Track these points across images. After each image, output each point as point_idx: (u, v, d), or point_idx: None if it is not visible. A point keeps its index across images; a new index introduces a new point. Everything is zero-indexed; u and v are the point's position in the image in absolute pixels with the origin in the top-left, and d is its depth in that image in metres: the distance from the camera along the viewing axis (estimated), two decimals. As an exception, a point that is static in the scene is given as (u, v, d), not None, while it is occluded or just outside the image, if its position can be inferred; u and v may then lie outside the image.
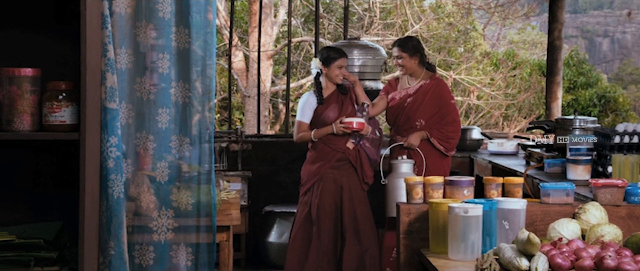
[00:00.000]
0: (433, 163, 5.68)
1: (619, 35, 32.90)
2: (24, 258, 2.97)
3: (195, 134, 3.28)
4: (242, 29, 14.25)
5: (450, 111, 5.81)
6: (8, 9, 3.17)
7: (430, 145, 5.74)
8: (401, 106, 5.83)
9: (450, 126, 5.77)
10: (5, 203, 3.21)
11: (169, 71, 3.26)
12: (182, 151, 3.27)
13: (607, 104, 16.25)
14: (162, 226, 3.26)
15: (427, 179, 3.71)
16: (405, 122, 5.80)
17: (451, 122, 5.78)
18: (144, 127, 3.25)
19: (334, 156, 5.73)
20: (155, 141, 3.25)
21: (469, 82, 15.29)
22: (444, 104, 5.79)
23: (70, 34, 3.06)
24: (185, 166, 3.29)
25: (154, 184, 3.25)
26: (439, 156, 5.76)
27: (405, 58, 5.79)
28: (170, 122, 3.27)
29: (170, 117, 3.27)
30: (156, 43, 3.25)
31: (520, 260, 3.03)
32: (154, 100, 3.25)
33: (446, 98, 5.83)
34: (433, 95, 5.78)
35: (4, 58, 3.10)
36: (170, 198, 3.27)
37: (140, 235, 3.27)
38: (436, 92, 5.79)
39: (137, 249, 3.28)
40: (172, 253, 3.29)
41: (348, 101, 5.80)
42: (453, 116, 5.82)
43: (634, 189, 3.70)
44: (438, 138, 5.73)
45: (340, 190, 5.72)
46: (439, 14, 15.70)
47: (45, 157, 3.23)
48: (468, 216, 3.27)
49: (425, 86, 5.80)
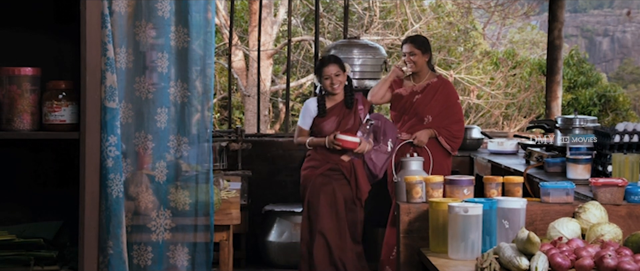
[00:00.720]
0: (437, 161, 5.70)
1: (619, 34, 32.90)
2: (23, 257, 2.97)
3: (195, 133, 3.28)
4: (242, 28, 14.24)
5: (456, 111, 5.87)
6: (8, 8, 3.17)
7: (436, 144, 5.76)
8: (409, 101, 5.84)
9: (456, 125, 5.82)
10: (5, 202, 3.21)
11: (168, 70, 3.25)
12: (181, 151, 3.26)
13: (607, 103, 16.24)
14: (160, 225, 3.26)
15: (427, 178, 3.71)
16: (412, 118, 5.83)
17: (457, 121, 5.83)
18: (143, 127, 3.24)
19: (325, 165, 5.65)
20: (154, 141, 3.25)
21: (469, 81, 15.28)
22: (450, 104, 5.83)
23: (70, 34, 3.06)
24: (184, 165, 3.29)
25: (153, 184, 3.25)
26: (443, 155, 5.79)
27: (417, 55, 5.83)
28: (170, 121, 3.27)
29: (169, 116, 3.27)
30: (155, 42, 3.24)
31: (520, 259, 3.03)
32: (153, 99, 3.24)
33: (453, 98, 5.89)
34: (441, 93, 5.83)
35: (4, 57, 3.10)
36: (168, 197, 3.26)
37: (138, 234, 3.27)
38: (444, 90, 5.84)
39: (136, 249, 3.28)
40: (169, 254, 3.29)
41: (351, 116, 5.69)
42: (459, 115, 5.88)
43: (633, 188, 3.69)
44: (445, 136, 5.76)
45: (333, 194, 5.62)
46: (439, 13, 15.70)
47: (45, 156, 3.23)
48: (468, 216, 3.27)
49: (433, 84, 5.85)
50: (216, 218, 3.68)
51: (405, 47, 5.90)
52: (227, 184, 4.75)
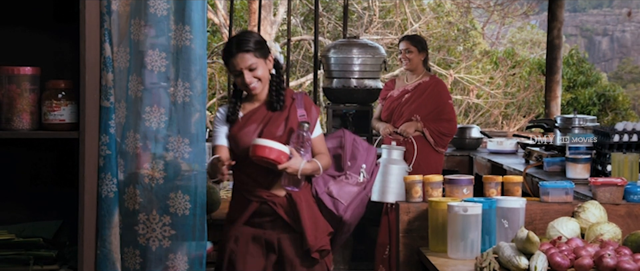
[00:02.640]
0: (424, 156, 5.66)
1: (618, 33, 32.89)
2: (23, 256, 2.96)
3: (194, 133, 3.27)
4: (242, 27, 14.24)
5: (447, 111, 5.82)
6: (7, 7, 3.17)
7: (423, 139, 5.74)
8: (398, 100, 5.84)
9: (446, 123, 5.78)
10: (5, 201, 3.20)
11: (167, 69, 3.25)
12: (180, 150, 3.25)
13: (606, 103, 16.24)
14: (158, 226, 3.25)
15: (426, 177, 3.70)
16: (400, 117, 5.81)
17: (447, 120, 5.79)
18: (141, 126, 3.23)
19: (249, 205, 3.58)
20: (152, 140, 3.24)
21: (468, 81, 15.28)
22: (441, 104, 5.80)
23: (69, 33, 3.06)
24: (184, 164, 3.28)
25: (151, 184, 3.24)
26: (430, 150, 5.75)
27: (414, 52, 5.84)
28: (168, 121, 3.26)
29: (168, 116, 3.26)
30: (154, 41, 3.23)
31: (520, 259, 3.03)
32: (151, 99, 3.24)
33: (444, 98, 5.84)
34: (431, 93, 5.80)
35: (4, 57, 3.10)
36: (166, 197, 3.25)
37: (134, 234, 3.26)
38: (435, 90, 5.81)
39: (127, 252, 3.27)
40: (168, 255, 3.28)
41: (280, 123, 3.58)
42: (450, 115, 5.83)
43: (633, 188, 3.69)
44: (431, 129, 5.72)
45: (266, 256, 3.61)
46: (438, 12, 15.70)
47: (45, 156, 3.23)
48: (467, 215, 3.27)
49: (424, 83, 5.83)
50: (215, 216, 3.68)
51: (402, 44, 5.92)
52: (226, 183, 4.75)
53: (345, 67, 6.66)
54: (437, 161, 5.80)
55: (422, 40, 5.97)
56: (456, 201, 3.39)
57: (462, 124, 14.71)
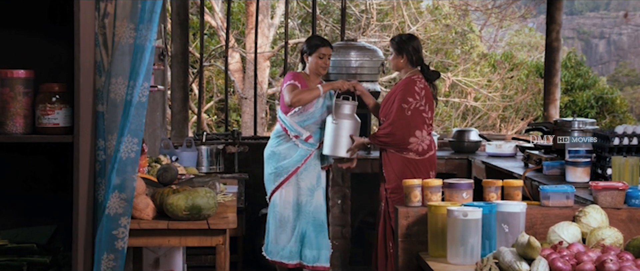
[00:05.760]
0: (392, 162, 5.45)
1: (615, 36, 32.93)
2: (16, 263, 2.93)
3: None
4: (239, 30, 14.22)
5: (392, 111, 5.48)
6: (1, 9, 3.13)
7: None
8: None
9: (386, 128, 5.45)
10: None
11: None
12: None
13: (604, 105, 16.23)
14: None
15: (426, 182, 3.68)
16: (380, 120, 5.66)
17: (389, 124, 5.45)
18: (137, 130, 3.19)
19: None
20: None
21: (466, 83, 15.26)
22: (396, 103, 5.48)
23: (63, 35, 3.02)
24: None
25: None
26: (393, 155, 5.45)
27: (393, 55, 5.64)
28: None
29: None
30: (144, 44, 3.18)
31: (521, 264, 3.00)
32: (145, 102, 3.20)
33: (399, 99, 5.47)
34: (391, 95, 5.52)
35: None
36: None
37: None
38: (394, 92, 5.53)
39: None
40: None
41: None
42: (393, 117, 5.46)
43: (634, 191, 3.66)
44: (375, 139, 5.50)
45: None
46: (436, 15, 15.68)
47: (39, 160, 3.19)
48: (467, 220, 3.24)
49: (394, 85, 5.67)
50: (212, 221, 3.65)
51: None
52: (223, 187, 4.70)
53: (343, 70, 6.63)
54: (406, 163, 5.46)
55: (400, 41, 5.61)
56: (456, 206, 3.35)
57: (460, 127, 14.73)
